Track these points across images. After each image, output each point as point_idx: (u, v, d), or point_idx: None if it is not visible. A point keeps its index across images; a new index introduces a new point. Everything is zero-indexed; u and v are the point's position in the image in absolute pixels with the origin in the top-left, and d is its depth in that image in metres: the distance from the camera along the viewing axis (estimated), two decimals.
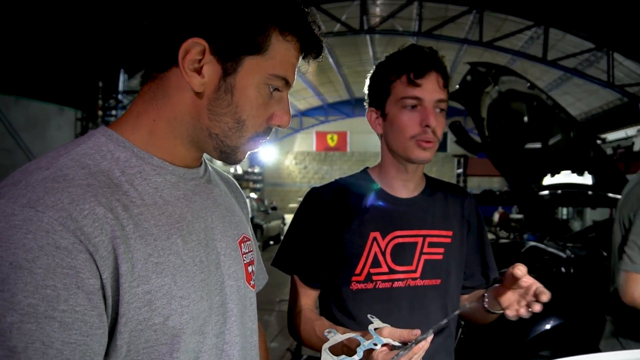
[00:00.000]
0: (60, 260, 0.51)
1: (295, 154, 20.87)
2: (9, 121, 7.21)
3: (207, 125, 0.67)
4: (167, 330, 0.61)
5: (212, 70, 0.64)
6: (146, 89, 0.68)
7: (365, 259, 1.10)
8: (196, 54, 0.63)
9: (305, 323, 1.10)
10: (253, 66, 0.65)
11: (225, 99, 0.65)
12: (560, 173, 3.64)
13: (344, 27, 9.94)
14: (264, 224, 10.53)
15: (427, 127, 1.05)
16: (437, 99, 1.06)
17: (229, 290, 0.72)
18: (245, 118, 0.67)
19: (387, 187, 1.16)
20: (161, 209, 0.64)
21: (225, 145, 0.69)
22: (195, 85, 0.64)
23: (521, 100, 3.40)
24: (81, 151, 0.62)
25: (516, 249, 3.93)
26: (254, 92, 0.66)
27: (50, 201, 0.53)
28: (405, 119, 1.07)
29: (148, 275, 0.59)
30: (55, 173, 0.57)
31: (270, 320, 5.04)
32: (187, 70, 0.63)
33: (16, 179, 0.56)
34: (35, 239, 0.51)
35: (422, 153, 1.07)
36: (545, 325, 2.66)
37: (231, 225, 0.77)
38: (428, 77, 1.06)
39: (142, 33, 0.66)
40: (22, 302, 0.49)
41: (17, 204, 0.52)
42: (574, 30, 9.31)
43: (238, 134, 0.68)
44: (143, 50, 0.67)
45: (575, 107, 13.81)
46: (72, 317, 0.52)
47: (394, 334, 0.84)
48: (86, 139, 0.64)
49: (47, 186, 0.55)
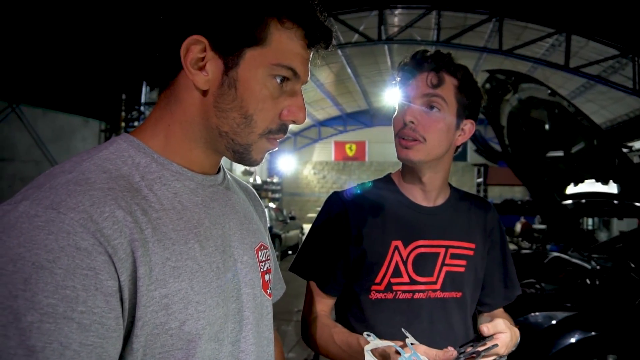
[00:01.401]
0: (80, 262, 0.52)
1: (313, 163, 20.91)
2: (36, 133, 7.43)
3: (216, 123, 0.66)
4: (183, 335, 0.60)
5: (215, 66, 0.64)
6: (162, 96, 0.70)
7: (387, 268, 1.07)
8: (197, 51, 0.63)
9: (322, 330, 1.08)
10: (254, 58, 0.64)
11: (229, 94, 0.65)
12: (583, 182, 3.55)
13: (362, 37, 9.97)
14: (283, 233, 10.55)
15: (405, 124, 1.05)
16: (421, 94, 1.05)
17: (245, 297, 0.71)
18: (252, 112, 0.66)
19: (409, 195, 1.14)
20: (179, 214, 0.64)
21: (237, 143, 0.68)
22: (199, 83, 0.64)
23: (542, 108, 3.34)
24: (103, 156, 0.63)
25: (539, 260, 3.84)
26: (258, 85, 0.65)
27: (72, 203, 0.54)
28: (394, 119, 1.10)
29: (165, 279, 0.59)
30: (78, 177, 0.58)
31: (288, 330, 5.01)
32: (190, 69, 0.64)
33: (40, 182, 0.58)
34: (57, 240, 0.51)
35: (402, 151, 1.06)
36: (570, 339, 2.59)
37: (249, 232, 0.77)
38: (417, 77, 1.07)
39: (147, 42, 0.67)
40: (42, 302, 0.49)
41: (40, 205, 0.53)
42: (597, 37, 9.14)
43: (247, 130, 0.67)
44: (152, 59, 0.68)
45: (600, 115, 13.50)
46: (90, 318, 0.52)
47: (429, 353, 0.83)
48: (108, 144, 0.66)
49: (69, 189, 0.56)
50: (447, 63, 1.07)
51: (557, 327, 2.64)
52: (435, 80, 1.05)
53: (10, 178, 7.05)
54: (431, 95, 1.05)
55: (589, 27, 8.92)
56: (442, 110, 1.06)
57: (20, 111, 7.10)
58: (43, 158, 7.52)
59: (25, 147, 7.32)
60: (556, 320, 2.67)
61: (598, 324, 2.67)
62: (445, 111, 1.06)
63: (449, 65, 1.07)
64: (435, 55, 1.08)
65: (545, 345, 2.63)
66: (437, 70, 1.06)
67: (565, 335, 2.60)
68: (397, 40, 10.38)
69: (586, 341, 2.56)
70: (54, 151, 7.63)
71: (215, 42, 0.63)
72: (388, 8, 9.81)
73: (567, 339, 2.59)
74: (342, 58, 12.70)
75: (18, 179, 7.14)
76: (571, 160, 3.41)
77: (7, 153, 7.04)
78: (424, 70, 1.06)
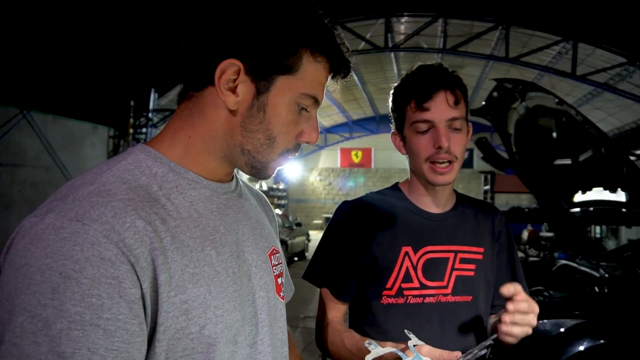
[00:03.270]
0: (105, 271, 0.54)
1: (320, 170, 20.94)
2: (47, 139, 7.51)
3: (240, 141, 0.70)
4: (203, 339, 0.62)
5: (246, 90, 0.67)
6: (183, 107, 0.72)
7: (397, 274, 1.09)
8: (231, 74, 0.66)
9: (334, 335, 1.10)
10: (285, 85, 0.68)
11: (257, 117, 0.68)
12: (591, 190, 3.54)
13: (368, 45, 10.02)
14: (289, 240, 10.55)
15: (440, 148, 1.05)
16: (447, 118, 1.06)
17: (260, 301, 0.74)
18: (276, 135, 0.69)
19: (417, 202, 1.16)
20: (196, 221, 0.66)
21: (257, 161, 0.71)
22: (230, 103, 0.67)
23: (549, 116, 3.35)
24: (122, 167, 0.65)
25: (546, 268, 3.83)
26: (285, 110, 0.69)
27: (95, 215, 0.56)
28: (418, 143, 1.08)
29: (185, 285, 0.61)
30: (99, 188, 0.60)
31: (295, 336, 5.02)
32: (222, 90, 0.66)
33: (64, 194, 0.60)
34: (82, 251, 0.54)
35: (438, 177, 1.08)
36: (579, 347, 2.58)
37: (261, 237, 0.79)
38: (435, 98, 1.06)
39: (180, 55, 0.70)
40: (70, 310, 0.52)
41: (66, 217, 0.55)
42: (604, 44, 9.13)
43: (269, 150, 0.70)
44: (181, 70, 0.71)
45: (607, 123, 13.43)
46: (115, 325, 0.54)
47: (433, 354, 0.84)
48: (126, 155, 0.68)
49: (92, 201, 0.58)
50: (456, 78, 1.10)
51: (565, 335, 2.63)
52: (455, 99, 1.06)
53: (21, 183, 7.13)
54: (456, 117, 1.07)
55: (595, 34, 8.92)
56: (462, 128, 1.09)
57: (31, 117, 7.19)
58: (53, 164, 7.60)
59: (35, 152, 7.41)
60: (565, 327, 2.66)
61: (607, 332, 2.66)
62: (464, 126, 1.10)
63: (458, 81, 1.10)
64: (446, 71, 1.10)
65: (554, 352, 2.62)
66: (452, 88, 1.07)
67: (574, 343, 2.59)
68: (404, 48, 10.43)
69: (595, 349, 2.55)
70: (63, 157, 7.71)
71: (250, 67, 0.66)
72: (394, 16, 9.86)
73: (576, 347, 2.58)
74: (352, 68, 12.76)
75: (28, 184, 7.21)
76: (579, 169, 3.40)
77: (18, 159, 7.12)
78: (439, 88, 1.06)
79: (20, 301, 0.52)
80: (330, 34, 0.70)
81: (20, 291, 0.52)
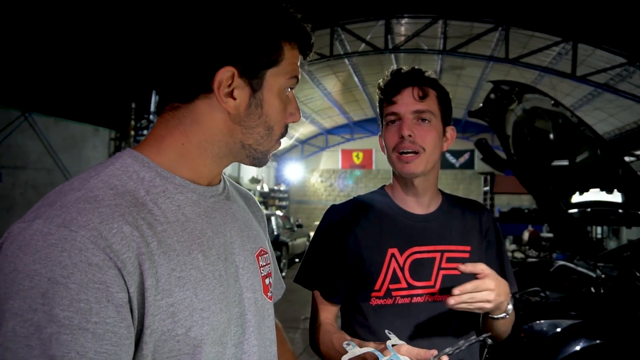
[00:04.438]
0: (92, 276, 0.55)
1: (321, 171, 20.94)
2: (48, 141, 7.55)
3: (241, 139, 0.73)
4: (189, 340, 0.64)
5: (243, 92, 0.70)
6: (168, 116, 0.72)
7: (385, 275, 1.12)
8: (227, 80, 0.68)
9: (324, 336, 1.13)
10: (273, 77, 0.72)
11: (256, 113, 0.72)
12: (588, 191, 3.56)
13: (368, 46, 10.04)
14: (290, 241, 10.56)
15: (402, 138, 1.10)
16: (412, 110, 1.11)
17: (247, 302, 0.75)
18: (273, 124, 0.74)
19: (402, 204, 1.19)
20: (183, 225, 0.68)
21: (259, 152, 0.75)
22: (231, 108, 0.70)
23: (546, 118, 3.37)
24: (109, 172, 0.66)
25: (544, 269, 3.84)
26: (277, 100, 0.73)
27: (83, 221, 0.57)
28: (387, 134, 1.15)
29: (171, 289, 0.63)
30: (87, 194, 0.61)
31: (295, 337, 5.03)
32: (222, 98, 0.69)
33: (51, 200, 0.61)
34: (70, 257, 0.55)
35: (405, 166, 1.12)
36: (575, 347, 2.60)
37: (249, 239, 0.81)
38: (403, 93, 1.12)
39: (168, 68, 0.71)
40: (59, 315, 0.53)
41: (53, 224, 0.57)
42: (604, 45, 9.12)
43: (268, 140, 0.75)
44: (169, 84, 0.72)
45: (608, 123, 13.42)
46: (103, 328, 0.56)
47: (412, 352, 0.86)
48: (114, 160, 0.69)
49: (79, 207, 0.59)
50: (426, 77, 1.14)
51: (561, 335, 2.65)
52: (422, 93, 1.12)
53: (23, 185, 7.16)
54: (422, 110, 1.11)
55: (595, 35, 8.91)
56: (431, 121, 1.13)
57: (33, 120, 7.22)
58: (54, 166, 7.63)
59: (37, 155, 7.44)
60: (561, 328, 2.68)
61: (603, 332, 2.67)
62: (434, 121, 1.13)
63: (428, 79, 1.14)
64: (416, 71, 1.15)
65: (550, 352, 2.63)
66: (420, 85, 1.12)
67: (570, 343, 2.60)
68: (404, 49, 10.44)
69: (591, 349, 2.57)
70: (65, 159, 7.74)
71: (242, 70, 0.69)
72: (395, 18, 9.88)
73: (572, 347, 2.59)
74: (349, 67, 12.78)
75: (30, 187, 7.24)
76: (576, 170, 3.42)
77: (20, 161, 7.15)
78: (407, 85, 1.12)
79: (10, 306, 0.53)
80: (299, 22, 0.75)
81: (10, 296, 0.54)
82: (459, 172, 18.63)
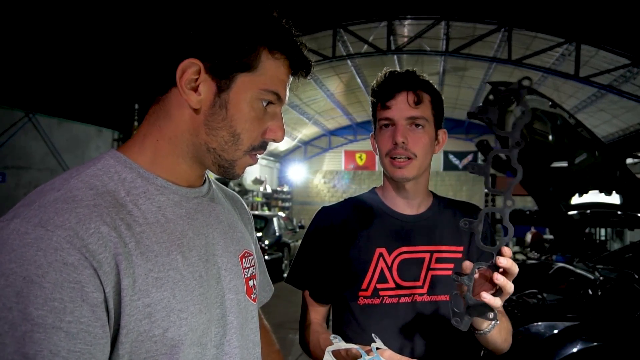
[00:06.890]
0: (67, 276, 0.56)
1: (324, 172, 20.94)
2: (52, 142, 7.60)
3: (205, 140, 0.71)
4: (167, 341, 0.64)
5: (208, 88, 0.69)
6: (151, 112, 0.74)
7: (372, 274, 1.12)
8: (192, 73, 0.68)
9: (312, 336, 1.14)
10: (245, 83, 0.70)
11: (220, 114, 0.70)
12: (587, 193, 3.55)
13: (371, 47, 10.04)
14: (292, 242, 10.57)
15: (396, 144, 1.10)
16: (406, 116, 1.11)
17: (229, 303, 0.75)
18: (240, 131, 0.71)
19: (392, 205, 1.19)
20: (163, 226, 0.68)
21: (223, 159, 0.73)
22: (192, 102, 0.69)
23: (545, 119, 3.36)
24: (91, 173, 0.67)
25: (544, 271, 3.83)
26: (247, 107, 0.71)
27: (59, 221, 0.58)
28: (380, 139, 1.14)
29: (148, 289, 0.63)
30: (66, 194, 0.62)
31: (295, 339, 5.02)
32: (184, 89, 0.69)
33: (31, 199, 0.62)
34: (45, 256, 0.55)
35: (397, 171, 1.12)
36: (572, 349, 2.59)
37: (232, 241, 0.81)
38: (397, 98, 1.12)
39: (142, 59, 0.73)
40: (33, 314, 0.54)
41: (30, 223, 0.57)
42: (607, 46, 9.09)
43: (234, 147, 0.72)
44: (145, 75, 0.73)
45: (612, 124, 13.35)
46: (77, 327, 0.56)
47: (394, 358, 0.86)
48: (96, 161, 0.70)
49: (57, 207, 0.59)
50: (420, 80, 1.14)
51: (558, 337, 2.64)
52: (416, 99, 1.11)
53: (26, 186, 7.20)
54: (416, 116, 1.11)
55: (598, 36, 8.88)
56: (425, 126, 1.12)
57: (36, 120, 7.27)
58: (58, 167, 7.68)
59: (40, 155, 7.48)
60: (558, 330, 2.67)
61: (600, 334, 2.67)
62: (427, 127, 1.13)
63: (422, 82, 1.14)
64: (410, 74, 1.14)
65: (547, 354, 2.63)
66: (415, 89, 1.12)
67: (567, 345, 2.60)
68: (407, 50, 10.43)
69: (588, 351, 2.56)
70: (68, 160, 7.78)
71: (210, 66, 0.69)
72: (397, 19, 9.87)
73: (569, 349, 2.59)
74: (352, 68, 12.78)
75: (33, 187, 7.22)
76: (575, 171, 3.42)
77: (23, 161, 7.20)
78: (402, 90, 1.12)
79: None
80: (288, 33, 0.73)
81: None
82: (462, 174, 18.57)
